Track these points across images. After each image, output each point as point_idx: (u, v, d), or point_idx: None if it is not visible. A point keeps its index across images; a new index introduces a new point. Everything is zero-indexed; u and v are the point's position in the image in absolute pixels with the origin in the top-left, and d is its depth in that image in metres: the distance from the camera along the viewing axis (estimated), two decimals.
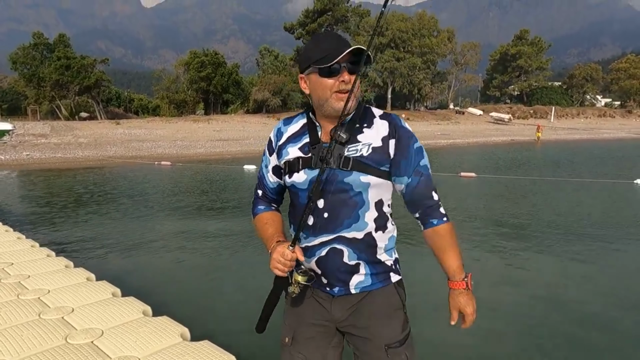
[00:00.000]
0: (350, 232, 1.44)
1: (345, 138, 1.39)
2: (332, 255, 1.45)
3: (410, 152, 1.46)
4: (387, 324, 1.51)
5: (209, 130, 30.53)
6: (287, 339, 1.58)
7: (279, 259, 1.37)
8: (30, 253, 4.32)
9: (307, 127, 1.50)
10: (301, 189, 1.46)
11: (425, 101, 55.74)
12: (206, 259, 5.57)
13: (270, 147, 1.57)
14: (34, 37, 40.80)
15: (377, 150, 1.42)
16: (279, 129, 1.57)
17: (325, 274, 1.48)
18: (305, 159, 1.45)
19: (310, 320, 1.54)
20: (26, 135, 24.50)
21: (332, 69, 1.37)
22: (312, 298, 1.54)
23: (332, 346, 1.56)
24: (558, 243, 6.07)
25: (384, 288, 1.52)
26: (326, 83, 1.39)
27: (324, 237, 1.44)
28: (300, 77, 1.48)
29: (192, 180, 12.78)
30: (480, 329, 3.67)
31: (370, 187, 1.43)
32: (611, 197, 9.81)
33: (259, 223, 1.59)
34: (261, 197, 1.63)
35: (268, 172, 1.59)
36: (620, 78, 65.14)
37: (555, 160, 18.94)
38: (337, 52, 1.34)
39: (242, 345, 3.10)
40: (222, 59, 45.55)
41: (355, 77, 1.37)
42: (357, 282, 1.49)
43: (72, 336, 2.62)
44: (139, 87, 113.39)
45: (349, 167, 1.39)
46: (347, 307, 1.50)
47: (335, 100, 1.39)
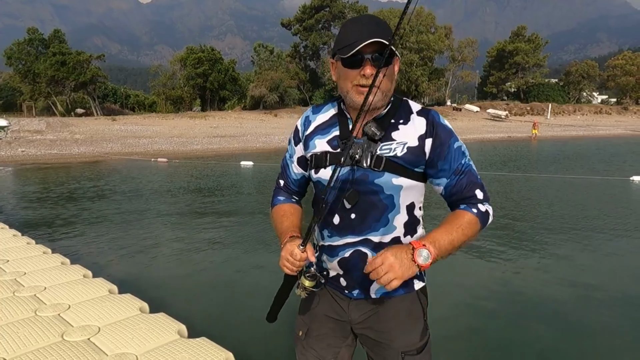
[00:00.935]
0: (377, 236, 1.35)
1: (380, 135, 1.29)
2: (356, 258, 1.37)
3: (448, 152, 1.32)
4: (406, 331, 1.43)
5: (205, 126, 30.44)
6: (300, 332, 1.54)
7: (287, 258, 1.29)
8: (26, 250, 4.30)
9: (338, 118, 1.39)
10: (326, 186, 1.34)
11: (422, 98, 55.73)
12: (203, 256, 5.56)
13: (297, 136, 1.47)
14: (29, 32, 40.52)
15: (413, 150, 1.30)
16: (307, 117, 1.46)
17: (346, 276, 1.42)
18: (333, 154, 1.34)
19: (325, 317, 1.50)
20: (21, 131, 24.35)
21: (354, 59, 1.24)
22: (330, 296, 1.48)
23: (345, 345, 1.51)
24: (553, 239, 6.09)
25: (406, 295, 1.43)
26: (347, 74, 1.28)
27: (350, 238, 1.37)
28: (331, 62, 1.36)
29: (188, 177, 12.74)
30: (472, 325, 3.69)
31: (403, 190, 1.33)
32: (607, 194, 9.85)
33: (276, 214, 1.50)
34: (282, 187, 1.55)
35: (292, 162, 1.50)
36: (616, 75, 65.29)
37: (551, 157, 19.00)
38: (359, 41, 1.21)
39: (240, 341, 3.10)
40: (219, 55, 45.39)
41: (377, 70, 1.21)
42: (378, 287, 1.39)
43: (68, 333, 2.61)
44: (135, 84, 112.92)
45: (381, 167, 1.29)
46: (365, 311, 1.44)
47: (355, 93, 1.28)
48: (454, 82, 60.64)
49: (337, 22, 52.03)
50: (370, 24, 1.25)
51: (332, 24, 51.83)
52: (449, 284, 4.57)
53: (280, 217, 1.49)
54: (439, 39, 50.48)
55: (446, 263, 5.09)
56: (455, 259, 5.30)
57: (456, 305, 3.99)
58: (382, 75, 1.22)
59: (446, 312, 3.82)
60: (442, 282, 4.65)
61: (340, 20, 51.90)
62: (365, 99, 1.23)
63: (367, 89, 1.23)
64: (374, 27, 1.24)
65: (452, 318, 3.76)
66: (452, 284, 4.56)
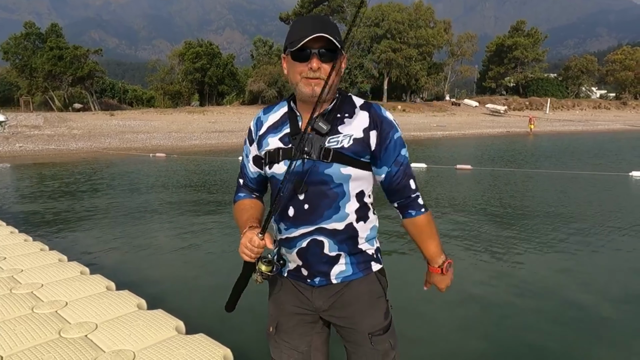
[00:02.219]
0: (331, 224, 1.42)
1: (326, 129, 1.37)
2: (313, 246, 1.44)
3: (390, 142, 1.43)
4: (369, 313, 1.51)
5: (204, 121, 30.37)
6: (271, 328, 1.60)
7: (246, 244, 1.36)
8: (23, 247, 4.29)
9: (288, 116, 1.47)
10: (281, 180, 1.42)
11: (421, 92, 55.65)
12: (201, 251, 5.55)
13: (250, 136, 1.55)
14: (26, 26, 40.26)
15: (358, 141, 1.40)
16: (259, 118, 1.54)
17: (306, 266, 1.48)
18: (285, 150, 1.42)
19: (291, 309, 1.55)
20: (19, 126, 24.27)
21: (301, 53, 1.33)
22: (293, 287, 1.54)
23: (315, 332, 1.57)
24: (553, 235, 6.10)
25: (365, 277, 1.51)
26: (296, 67, 1.36)
27: (304, 228, 1.43)
28: (283, 57, 1.44)
29: (187, 172, 12.72)
30: (466, 320, 3.70)
31: (351, 179, 1.42)
32: (607, 190, 9.86)
33: (237, 210, 1.58)
34: (242, 185, 1.62)
35: (249, 161, 1.57)
36: (615, 70, 65.25)
37: (550, 152, 19.01)
38: (306, 35, 1.30)
39: (237, 338, 3.10)
40: (217, 49, 45.24)
41: (331, 66, 1.32)
42: (338, 272, 1.48)
43: (65, 330, 2.61)
44: (133, 78, 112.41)
45: (329, 158, 1.37)
46: (328, 297, 1.50)
47: (303, 84, 1.36)
48: (452, 76, 60.56)
49: (336, 16, 51.78)
50: (317, 21, 1.36)
51: (331, 18, 51.50)
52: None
53: (240, 210, 1.56)
54: (438, 34, 50.29)
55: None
56: (452, 256, 5.31)
57: (451, 301, 3.99)
58: (333, 70, 1.32)
59: (441, 309, 3.83)
60: None
61: (339, 14, 51.69)
62: (320, 94, 1.32)
63: (315, 80, 1.33)
64: (320, 24, 1.34)
65: (448, 315, 3.77)
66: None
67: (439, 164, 13.77)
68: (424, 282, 1.65)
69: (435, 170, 12.42)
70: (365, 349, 1.51)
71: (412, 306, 3.74)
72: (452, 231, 6.30)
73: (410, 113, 41.82)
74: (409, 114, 40.12)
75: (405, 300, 3.68)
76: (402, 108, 44.68)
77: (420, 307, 3.80)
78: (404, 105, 46.95)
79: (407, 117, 35.66)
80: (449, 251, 4.84)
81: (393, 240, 5.70)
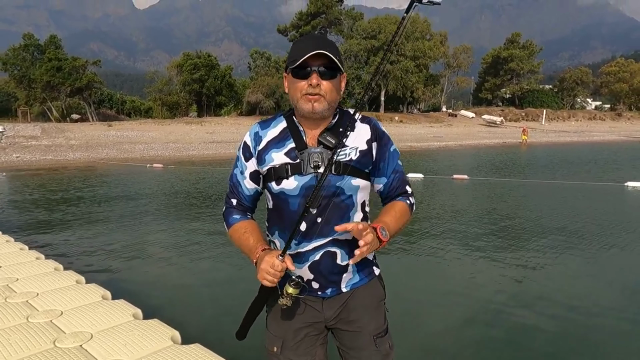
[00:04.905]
0: (343, 235, 1.44)
1: (335, 143, 1.40)
2: (326, 258, 1.46)
3: (389, 154, 1.52)
4: (374, 316, 1.57)
5: (201, 132, 30.40)
6: (275, 348, 1.56)
7: (268, 270, 1.34)
8: (18, 256, 4.26)
9: (289, 131, 1.48)
10: (291, 196, 1.44)
11: (418, 104, 55.97)
12: (197, 262, 5.53)
13: (248, 151, 1.51)
14: (25, 38, 40.42)
15: (364, 153, 1.46)
16: (257, 132, 1.52)
17: (318, 278, 1.49)
18: (294, 165, 1.42)
19: (299, 324, 1.54)
20: (16, 137, 24.22)
21: (302, 71, 1.37)
22: (301, 302, 1.52)
23: (319, 344, 1.58)
24: (548, 244, 6.11)
25: (369, 283, 1.58)
26: (297, 84, 1.40)
27: (318, 241, 1.45)
28: (284, 75, 1.48)
29: (184, 183, 12.71)
30: (461, 325, 3.68)
31: (359, 190, 1.47)
32: (602, 200, 9.90)
33: (237, 233, 1.54)
34: (235, 206, 1.58)
35: (244, 178, 1.53)
36: (610, 81, 65.91)
37: (546, 163, 19.10)
38: (306, 53, 1.34)
39: (233, 348, 3.07)
40: (215, 61, 45.43)
41: (327, 83, 1.38)
42: (347, 280, 1.53)
43: (60, 340, 2.59)
44: (131, 89, 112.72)
45: (341, 171, 1.41)
46: (338, 306, 1.53)
47: (304, 101, 1.40)
48: (449, 88, 60.99)
49: (334, 29, 52.31)
50: (317, 40, 1.41)
51: (328, 30, 52.06)
52: (438, 291, 4.58)
53: (242, 234, 1.52)
54: (435, 46, 50.79)
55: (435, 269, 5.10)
56: (445, 265, 5.30)
57: (444, 312, 3.99)
58: (333, 87, 1.40)
59: (434, 319, 3.82)
60: (430, 288, 4.66)
61: (336, 26, 52.20)
62: (315, 107, 1.39)
63: (315, 97, 1.38)
64: (320, 43, 1.39)
65: (442, 324, 3.76)
66: (444, 289, 4.56)
67: (435, 174, 13.81)
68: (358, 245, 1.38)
69: (432, 180, 12.45)
70: (369, 352, 1.55)
71: (407, 310, 3.72)
72: (449, 239, 6.30)
73: (407, 124, 42.00)
74: (406, 125, 40.28)
75: (400, 304, 3.66)
76: (399, 119, 44.91)
77: (415, 311, 3.79)
78: (401, 116, 47.17)
79: (404, 128, 35.78)
80: (445, 257, 4.82)
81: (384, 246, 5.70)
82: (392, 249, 5.77)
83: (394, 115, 46.34)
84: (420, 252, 5.79)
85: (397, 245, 5.97)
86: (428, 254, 5.70)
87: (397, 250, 5.75)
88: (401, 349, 1.85)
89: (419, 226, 7.15)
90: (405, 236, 6.53)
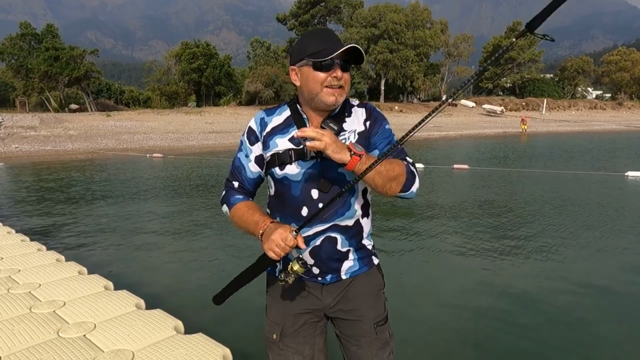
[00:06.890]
0: (344, 221, 1.48)
1: (337, 129, 1.44)
2: (327, 243, 1.48)
3: (382, 129, 1.52)
4: (374, 304, 1.58)
5: (201, 122, 30.30)
6: (274, 335, 1.58)
7: (279, 242, 1.30)
8: (20, 247, 4.27)
9: (293, 119, 1.50)
10: (294, 181, 1.45)
11: (418, 93, 55.74)
12: (199, 251, 5.54)
13: (254, 135, 1.53)
14: (21, 27, 40.09)
15: (362, 134, 1.49)
16: (262, 118, 1.54)
17: (318, 264, 1.50)
18: (297, 151, 1.44)
19: (298, 310, 1.56)
20: (15, 127, 24.13)
21: (326, 63, 1.39)
22: (301, 288, 1.54)
23: (318, 332, 1.60)
24: (549, 235, 6.13)
25: (369, 271, 1.59)
26: (318, 77, 1.41)
27: (319, 226, 1.46)
28: (292, 68, 1.49)
29: (184, 173, 12.70)
30: (459, 320, 3.71)
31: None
32: (602, 190, 9.91)
33: (239, 211, 1.50)
34: (237, 188, 1.57)
35: (249, 161, 1.54)
36: (611, 70, 65.60)
37: (546, 152, 19.08)
38: (334, 47, 1.37)
39: (236, 337, 3.10)
40: (214, 50, 45.17)
41: (347, 74, 1.42)
42: (347, 267, 1.54)
43: (64, 330, 2.60)
44: (129, 79, 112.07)
45: None
46: (337, 293, 1.55)
47: (326, 94, 1.41)
48: (449, 77, 60.68)
49: (333, 17, 51.85)
50: (334, 35, 1.46)
51: (328, 18, 51.64)
52: (439, 282, 4.59)
53: (247, 211, 1.49)
54: (435, 35, 50.40)
55: (436, 260, 5.08)
56: (446, 256, 5.32)
57: (445, 303, 4.00)
58: (349, 78, 1.44)
59: (434, 310, 3.84)
60: (431, 280, 4.68)
61: (335, 15, 51.73)
62: (337, 98, 1.42)
63: (338, 89, 1.41)
64: (337, 37, 1.45)
65: (442, 317, 3.78)
66: (442, 283, 4.58)
67: (436, 164, 13.80)
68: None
69: (432, 170, 12.44)
70: (369, 339, 1.56)
71: (404, 306, 3.74)
72: (449, 229, 6.31)
73: (407, 114, 41.85)
74: (406, 115, 40.15)
75: (399, 293, 3.68)
76: (399, 109, 44.76)
77: (412, 307, 3.80)
78: (400, 106, 47.02)
79: (404, 118, 35.66)
80: (445, 251, 4.81)
81: (382, 238, 5.71)
82: (391, 238, 5.78)
83: (394, 105, 46.19)
84: (419, 242, 5.80)
85: (397, 235, 5.99)
86: (427, 245, 5.72)
87: (397, 241, 5.76)
88: (400, 337, 1.86)
89: (419, 216, 7.16)
90: (405, 226, 6.55)
